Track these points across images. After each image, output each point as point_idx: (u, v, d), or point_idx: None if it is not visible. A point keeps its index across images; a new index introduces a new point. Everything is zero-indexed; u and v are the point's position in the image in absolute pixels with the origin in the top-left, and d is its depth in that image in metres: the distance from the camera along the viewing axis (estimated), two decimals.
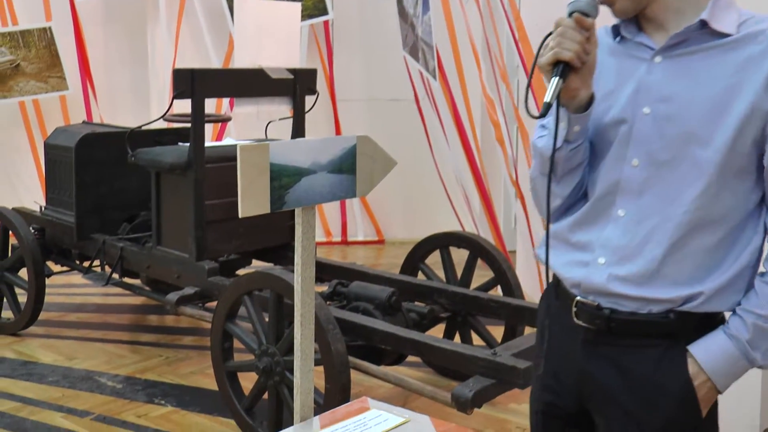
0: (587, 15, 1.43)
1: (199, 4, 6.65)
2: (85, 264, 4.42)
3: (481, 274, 3.86)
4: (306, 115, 4.19)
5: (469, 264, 3.81)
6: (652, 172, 1.47)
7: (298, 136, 4.14)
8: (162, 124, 4.35)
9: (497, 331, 3.69)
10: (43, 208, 4.59)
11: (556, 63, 1.42)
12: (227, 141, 4.71)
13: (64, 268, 4.64)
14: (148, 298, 4.50)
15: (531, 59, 4.28)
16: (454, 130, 5.61)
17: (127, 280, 4.27)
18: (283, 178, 1.50)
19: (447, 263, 3.88)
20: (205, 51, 6.67)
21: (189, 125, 3.75)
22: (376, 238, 6.96)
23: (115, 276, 4.19)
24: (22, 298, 4.50)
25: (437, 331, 3.63)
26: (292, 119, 4.20)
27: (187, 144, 3.77)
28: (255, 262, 4.39)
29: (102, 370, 4.04)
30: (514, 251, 5.56)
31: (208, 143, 3.88)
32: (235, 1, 4.16)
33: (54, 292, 5.01)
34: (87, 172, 4.24)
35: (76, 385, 3.84)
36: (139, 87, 6.91)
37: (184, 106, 3.75)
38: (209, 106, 4.44)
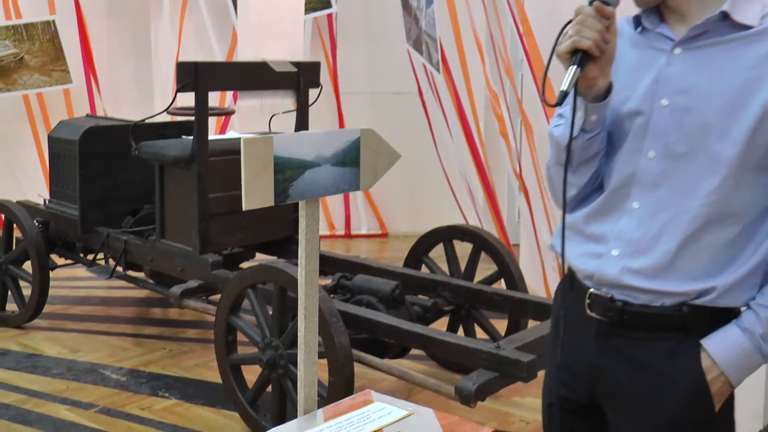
0: (608, 3, 1.41)
1: None
2: (89, 257, 4.42)
3: (485, 268, 3.86)
4: (309, 108, 4.19)
5: (473, 257, 3.81)
6: (668, 165, 1.46)
7: (301, 129, 4.13)
8: (165, 118, 4.35)
9: (500, 325, 3.69)
10: (47, 202, 4.60)
11: (575, 51, 1.41)
12: (231, 134, 4.70)
13: (69, 261, 4.65)
14: (151, 291, 4.51)
15: (535, 52, 4.29)
16: (457, 124, 5.60)
17: (131, 273, 4.28)
18: (286, 171, 1.50)
19: (450, 256, 3.88)
20: (208, 44, 6.66)
21: (192, 118, 3.75)
22: (380, 232, 6.96)
23: (119, 269, 4.20)
24: (27, 291, 4.51)
25: (441, 324, 3.63)
26: (295, 112, 4.19)
27: (191, 137, 3.76)
28: (258, 255, 4.39)
29: (106, 362, 4.05)
30: (518, 245, 5.56)
31: (211, 136, 3.87)
32: None
33: (58, 285, 5.01)
34: (91, 166, 4.24)
35: (80, 378, 3.85)
36: (143, 80, 6.90)
37: (188, 100, 3.74)
38: (213, 99, 4.42)
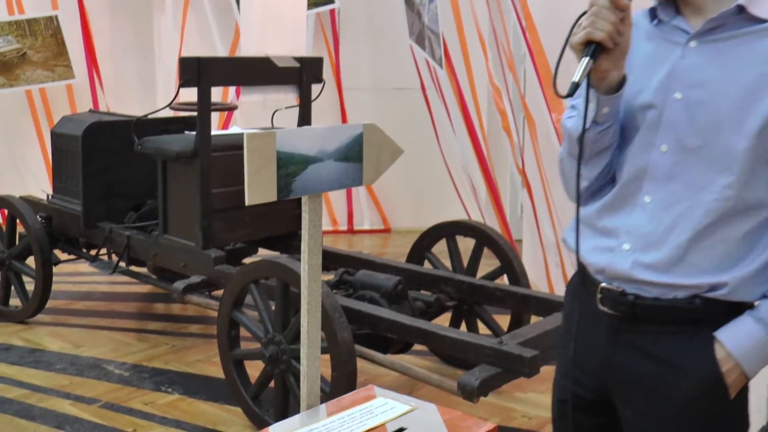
0: None
1: None
2: (92, 252, 4.43)
3: (488, 263, 3.86)
4: (312, 103, 4.19)
5: (476, 253, 3.81)
6: (680, 159, 1.45)
7: (304, 125, 4.13)
8: (168, 113, 4.35)
9: (503, 320, 3.69)
10: (50, 197, 4.60)
11: (588, 43, 1.40)
12: (233, 129, 4.70)
13: (71, 257, 4.65)
14: (154, 286, 4.52)
15: (538, 47, 4.28)
16: (460, 119, 5.59)
17: (133, 268, 4.28)
18: (289, 166, 1.50)
19: (453, 252, 3.87)
20: (211, 39, 6.66)
21: (195, 114, 3.75)
22: (383, 227, 6.96)
23: (122, 264, 4.20)
24: (30, 286, 4.52)
25: (443, 319, 3.62)
26: (298, 108, 4.19)
27: (194, 132, 3.76)
28: (261, 250, 4.39)
29: (109, 357, 4.05)
30: (521, 240, 5.55)
31: (214, 132, 3.87)
32: None
33: (61, 280, 5.02)
34: (94, 161, 4.25)
35: (83, 373, 3.86)
36: (146, 75, 6.90)
37: (191, 95, 3.74)
38: (215, 95, 4.42)
